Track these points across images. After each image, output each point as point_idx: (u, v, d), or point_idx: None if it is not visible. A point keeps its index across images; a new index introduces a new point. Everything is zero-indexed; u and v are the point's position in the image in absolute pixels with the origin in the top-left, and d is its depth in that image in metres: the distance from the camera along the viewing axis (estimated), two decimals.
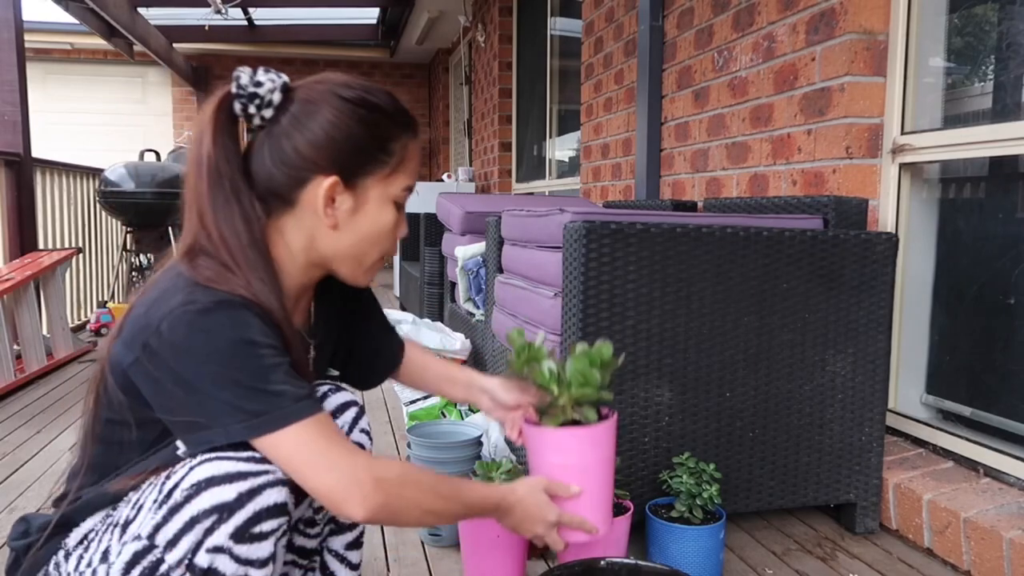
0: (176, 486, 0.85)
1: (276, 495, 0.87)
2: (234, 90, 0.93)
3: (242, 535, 0.84)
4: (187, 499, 0.84)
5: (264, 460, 0.88)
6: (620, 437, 1.65)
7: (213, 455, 0.86)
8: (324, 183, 0.93)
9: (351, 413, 1.15)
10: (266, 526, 0.86)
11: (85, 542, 0.93)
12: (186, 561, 0.84)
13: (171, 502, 0.84)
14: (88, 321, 4.92)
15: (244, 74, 0.93)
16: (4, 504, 2.03)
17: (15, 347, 3.46)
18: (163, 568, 0.84)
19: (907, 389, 2.10)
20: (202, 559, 0.84)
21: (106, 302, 5.20)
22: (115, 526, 0.90)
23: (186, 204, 0.94)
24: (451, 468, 1.74)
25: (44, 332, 3.72)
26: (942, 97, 2.05)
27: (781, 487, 1.78)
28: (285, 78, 0.95)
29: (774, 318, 1.71)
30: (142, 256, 5.77)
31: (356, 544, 1.22)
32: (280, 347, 0.88)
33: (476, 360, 2.69)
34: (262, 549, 0.86)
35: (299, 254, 0.98)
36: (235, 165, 0.94)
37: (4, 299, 3.27)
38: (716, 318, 1.67)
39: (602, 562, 1.23)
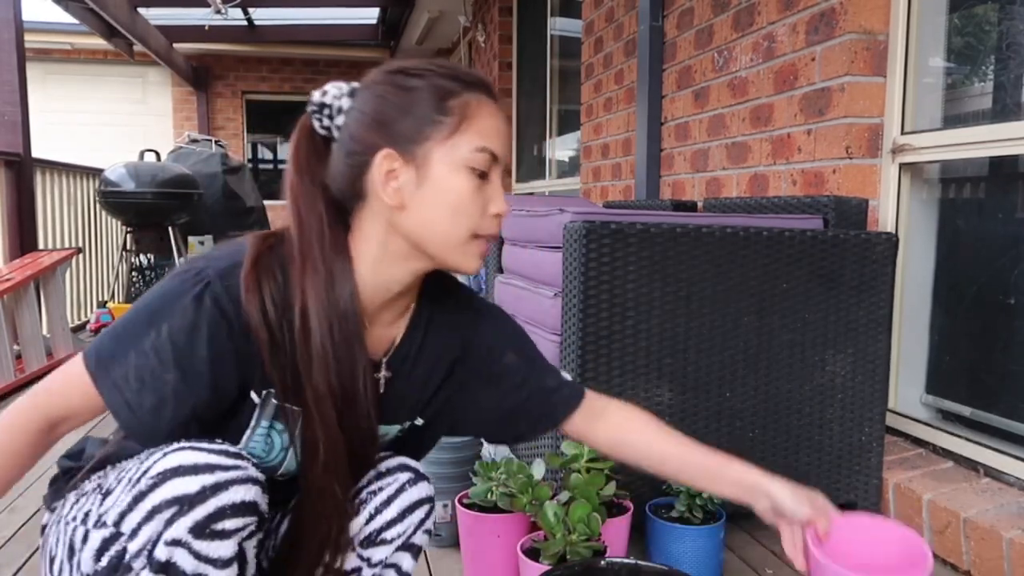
0: (146, 472, 0.84)
1: (243, 492, 0.84)
2: (308, 108, 0.93)
3: (202, 530, 0.82)
4: (151, 488, 0.82)
5: (239, 455, 0.86)
6: None
7: (188, 444, 0.85)
8: (378, 159, 0.90)
9: (421, 512, 1.05)
10: (229, 524, 0.83)
11: (85, 494, 0.93)
12: (146, 552, 0.82)
13: (137, 489, 0.83)
14: (88, 321, 4.93)
15: (317, 92, 0.94)
16: (4, 504, 2.02)
17: (15, 347, 3.46)
18: (127, 558, 0.82)
19: (907, 389, 2.10)
20: (161, 552, 0.82)
21: (106, 302, 5.20)
22: (98, 491, 0.90)
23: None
24: (451, 468, 1.74)
25: (44, 332, 3.72)
26: (942, 97, 2.05)
27: None
28: (354, 84, 0.94)
29: (774, 318, 1.71)
30: (142, 256, 5.77)
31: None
32: (169, 357, 0.84)
33: None
34: (223, 548, 0.83)
35: (374, 247, 0.92)
36: (314, 168, 0.93)
37: (4, 299, 3.27)
38: (716, 318, 1.67)
39: (602, 562, 1.23)
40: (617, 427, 1.10)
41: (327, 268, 0.89)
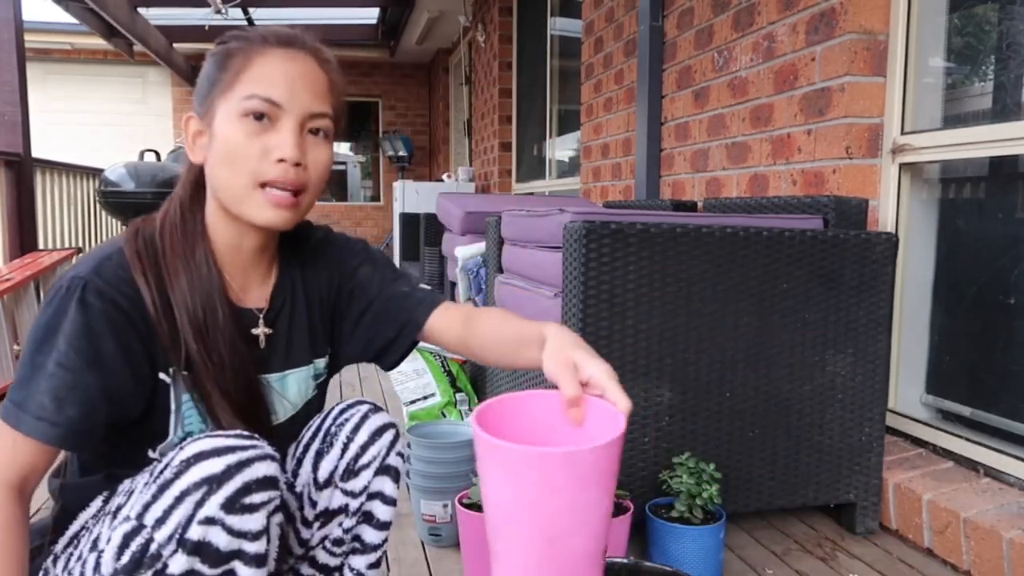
0: (167, 466, 0.85)
1: (265, 468, 0.87)
2: None
3: (232, 505, 0.84)
4: (177, 475, 0.83)
5: (252, 436, 0.89)
6: None
7: (203, 434, 0.88)
8: (188, 123, 0.98)
9: (389, 435, 1.10)
10: (256, 497, 0.86)
11: (76, 540, 0.93)
12: (176, 536, 0.83)
13: (161, 480, 0.84)
14: None
15: None
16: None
17: (15, 347, 3.46)
18: (153, 547, 0.83)
19: (907, 389, 2.10)
20: (194, 532, 0.83)
21: None
22: (107, 515, 0.90)
23: None
24: (451, 468, 1.74)
25: None
26: (942, 97, 2.05)
27: (781, 487, 1.78)
28: None
29: (774, 318, 1.71)
30: None
31: (376, 564, 1.20)
32: (79, 363, 0.86)
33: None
34: (254, 520, 0.86)
35: (213, 207, 0.99)
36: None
37: (4, 299, 3.27)
38: (716, 318, 1.67)
39: None
40: (464, 324, 1.08)
41: (184, 232, 0.96)
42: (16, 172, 4.16)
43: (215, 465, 0.84)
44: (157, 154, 5.85)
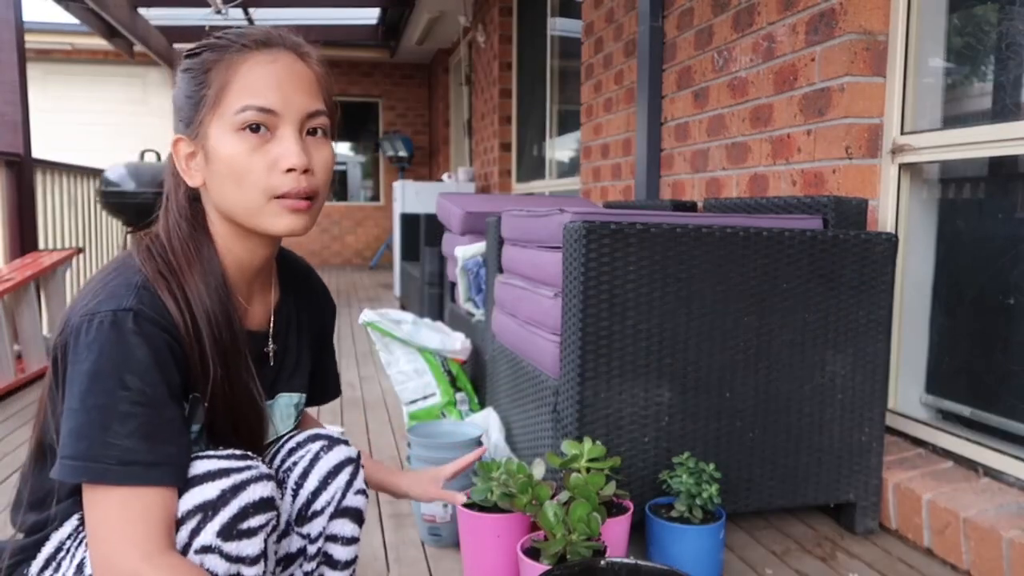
0: None
1: (261, 489, 0.85)
2: None
3: (229, 532, 0.82)
4: None
5: (246, 456, 0.86)
6: (620, 437, 1.65)
7: (193, 455, 0.84)
8: (177, 147, 0.94)
9: (345, 475, 1.05)
10: (254, 521, 0.84)
11: (54, 563, 0.89)
12: None
13: None
14: None
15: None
16: (4, 504, 2.03)
17: (15, 347, 3.46)
18: None
19: (907, 389, 2.11)
20: (191, 560, 0.81)
21: None
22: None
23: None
24: None
25: (44, 332, 3.72)
26: (942, 97, 2.05)
27: (781, 487, 1.78)
28: None
29: (774, 318, 1.71)
30: None
31: None
32: (158, 396, 0.81)
33: (476, 360, 2.69)
34: (252, 545, 0.84)
35: (220, 227, 0.95)
36: (176, 171, 0.96)
37: (5, 299, 3.27)
38: (716, 318, 1.67)
39: (602, 562, 1.24)
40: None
41: (198, 252, 0.92)
42: (16, 172, 4.16)
43: (209, 491, 0.82)
44: (157, 154, 5.85)
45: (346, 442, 1.08)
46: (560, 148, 5.38)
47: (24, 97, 4.26)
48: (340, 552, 1.07)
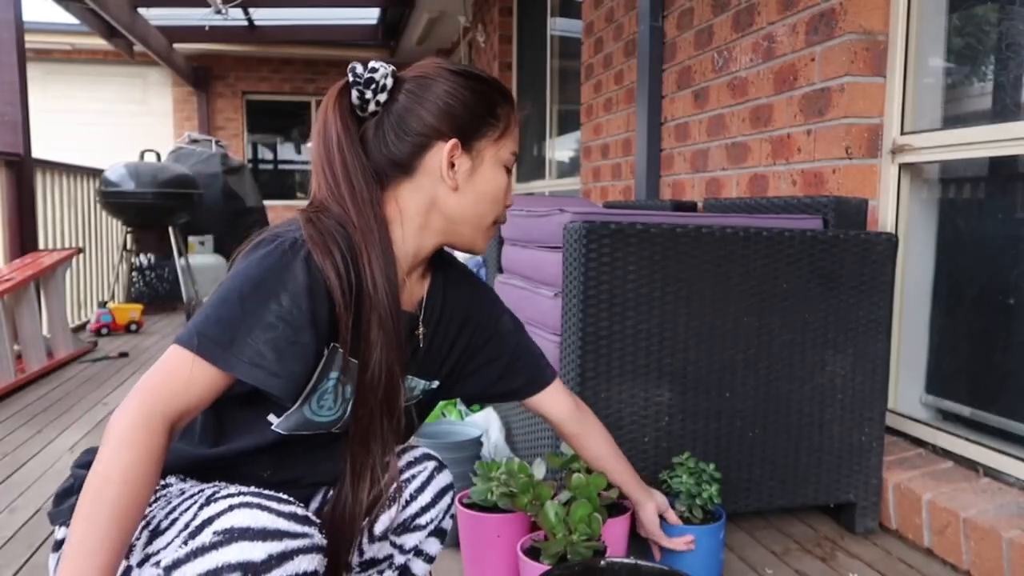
0: (209, 521, 0.80)
1: (308, 563, 0.82)
2: (351, 79, 1.00)
3: None
4: (214, 545, 0.78)
5: (307, 520, 0.84)
6: (620, 437, 1.65)
7: (256, 500, 0.82)
8: (446, 147, 1.01)
9: (448, 499, 1.15)
10: None
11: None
12: None
13: (198, 541, 0.79)
14: (88, 321, 4.92)
15: (359, 65, 1.00)
16: (4, 504, 2.03)
17: (15, 347, 3.46)
18: None
19: (907, 389, 2.11)
20: None
21: (106, 302, 5.20)
22: (146, 527, 0.86)
23: (315, 178, 1.02)
24: (451, 468, 1.73)
25: (44, 332, 3.73)
26: (942, 97, 2.05)
27: (781, 487, 1.78)
28: (392, 66, 1.02)
29: (774, 318, 1.71)
30: (142, 256, 5.77)
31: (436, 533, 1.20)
32: (301, 321, 0.88)
33: None
34: None
35: (414, 217, 1.03)
36: (356, 140, 1.01)
37: (4, 299, 3.27)
38: (716, 318, 1.67)
39: (602, 562, 1.24)
40: (576, 419, 1.30)
41: (380, 233, 0.98)
42: (16, 172, 4.16)
43: (256, 551, 0.78)
44: (157, 154, 5.85)
45: (448, 467, 1.18)
46: (560, 148, 5.38)
47: (24, 97, 4.27)
48: (419, 568, 1.15)
